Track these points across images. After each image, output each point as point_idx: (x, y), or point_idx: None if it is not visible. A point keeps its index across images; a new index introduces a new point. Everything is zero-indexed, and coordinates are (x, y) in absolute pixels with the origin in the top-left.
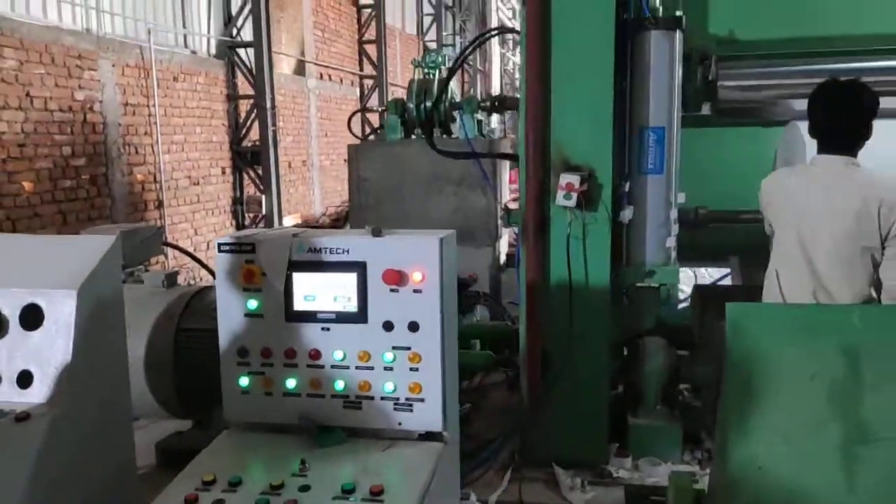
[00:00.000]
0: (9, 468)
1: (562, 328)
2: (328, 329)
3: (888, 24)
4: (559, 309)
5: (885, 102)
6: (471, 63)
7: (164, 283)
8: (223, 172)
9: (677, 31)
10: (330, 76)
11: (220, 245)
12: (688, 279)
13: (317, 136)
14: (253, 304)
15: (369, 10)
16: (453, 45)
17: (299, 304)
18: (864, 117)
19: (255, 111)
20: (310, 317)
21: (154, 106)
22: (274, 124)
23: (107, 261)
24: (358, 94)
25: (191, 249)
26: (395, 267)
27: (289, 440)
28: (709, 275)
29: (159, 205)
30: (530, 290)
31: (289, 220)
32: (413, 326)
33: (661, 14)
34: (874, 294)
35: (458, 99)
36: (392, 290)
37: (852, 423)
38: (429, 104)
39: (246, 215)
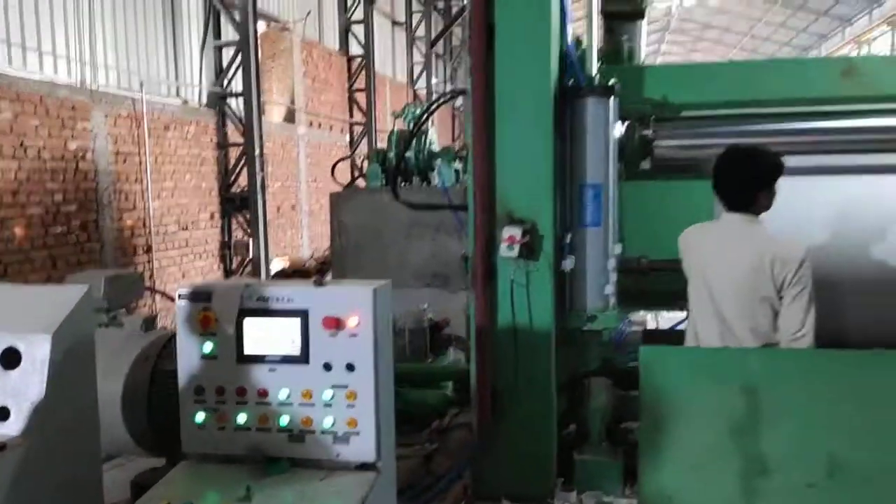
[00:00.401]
0: None
1: (510, 369)
2: (274, 370)
3: (806, 89)
4: (507, 351)
5: (806, 161)
6: (461, 110)
7: (143, 326)
8: (212, 217)
9: (611, 97)
10: (320, 124)
11: (179, 294)
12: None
13: (306, 181)
14: (208, 347)
15: (359, 60)
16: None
17: (249, 348)
18: (759, 182)
19: (244, 158)
20: (258, 359)
21: (145, 154)
22: (262, 171)
23: (79, 308)
24: (348, 140)
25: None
26: (333, 314)
27: (238, 470)
28: (670, 319)
29: (148, 249)
30: (479, 333)
31: (277, 264)
32: (350, 367)
33: (596, 82)
34: (778, 338)
35: (436, 149)
36: (331, 335)
37: (751, 456)
38: (407, 154)
39: (234, 259)
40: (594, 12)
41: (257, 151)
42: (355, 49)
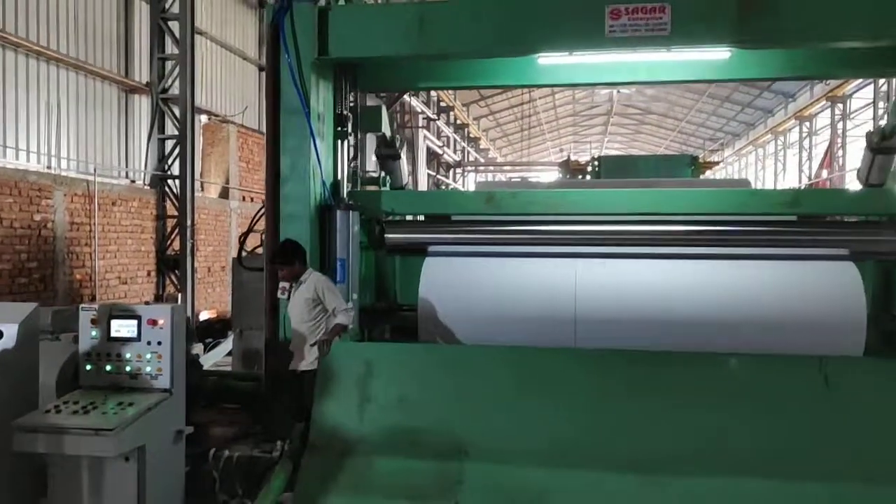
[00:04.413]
0: None
1: (285, 365)
2: (125, 344)
3: (466, 208)
4: (283, 354)
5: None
6: None
7: (73, 340)
8: (148, 275)
9: (350, 210)
10: (252, 198)
11: (81, 308)
12: None
13: (235, 246)
14: (94, 333)
15: None
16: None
17: (114, 333)
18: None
19: (178, 228)
20: (118, 339)
21: (95, 224)
22: (192, 238)
23: (32, 313)
24: None
25: None
26: (152, 317)
27: (105, 392)
28: None
29: (92, 299)
30: (267, 343)
31: (206, 314)
32: (159, 343)
33: (345, 201)
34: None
35: None
36: (151, 328)
37: (364, 394)
38: None
39: None
40: (346, 162)
41: (189, 222)
42: None
